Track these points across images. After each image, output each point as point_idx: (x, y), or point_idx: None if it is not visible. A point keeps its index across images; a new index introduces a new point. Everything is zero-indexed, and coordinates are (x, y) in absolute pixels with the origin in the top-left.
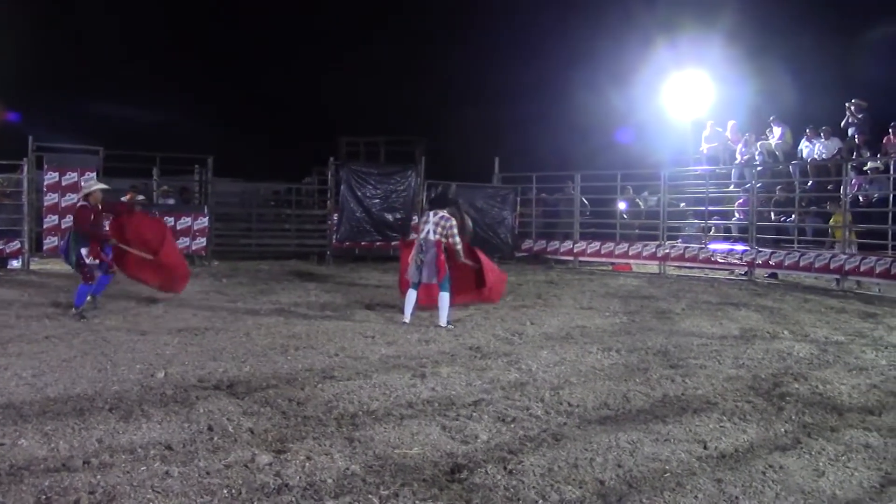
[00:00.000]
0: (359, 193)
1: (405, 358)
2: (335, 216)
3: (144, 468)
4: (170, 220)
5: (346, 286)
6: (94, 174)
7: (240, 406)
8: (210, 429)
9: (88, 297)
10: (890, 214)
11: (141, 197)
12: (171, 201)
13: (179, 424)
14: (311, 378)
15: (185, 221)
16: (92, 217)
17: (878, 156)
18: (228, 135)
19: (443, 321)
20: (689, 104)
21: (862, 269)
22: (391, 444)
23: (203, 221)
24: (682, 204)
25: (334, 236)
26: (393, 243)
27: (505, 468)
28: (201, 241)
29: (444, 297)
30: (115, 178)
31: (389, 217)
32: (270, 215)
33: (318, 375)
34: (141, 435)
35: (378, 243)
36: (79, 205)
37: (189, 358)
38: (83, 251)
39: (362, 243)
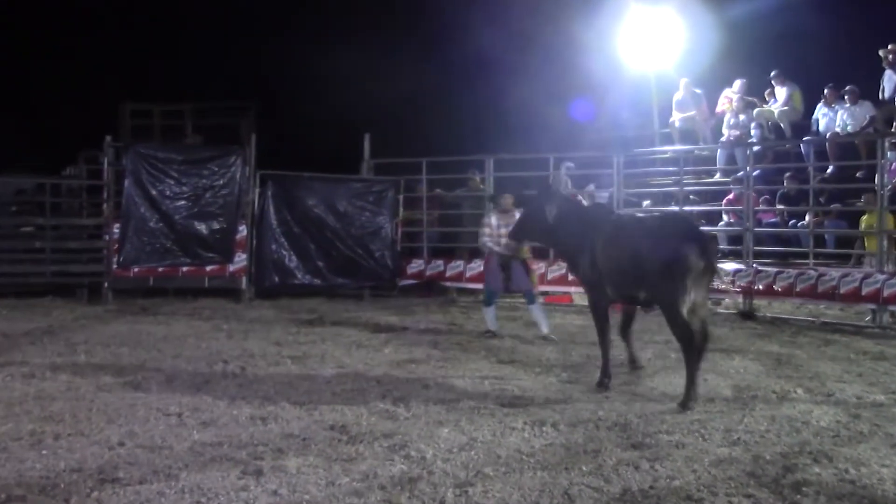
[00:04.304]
0: (153, 192)
1: (231, 446)
2: (116, 227)
3: None
4: None
5: (136, 337)
6: None
7: None
8: None
9: None
10: None
11: None
12: None
13: None
14: (81, 483)
15: None
16: None
17: None
18: None
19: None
20: (652, 54)
21: None
22: None
23: None
24: (646, 202)
25: (115, 259)
26: (208, 267)
27: None
28: None
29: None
30: None
31: (202, 227)
32: (10, 227)
33: (93, 478)
34: None
35: (185, 268)
36: None
37: None
38: None
39: (160, 269)
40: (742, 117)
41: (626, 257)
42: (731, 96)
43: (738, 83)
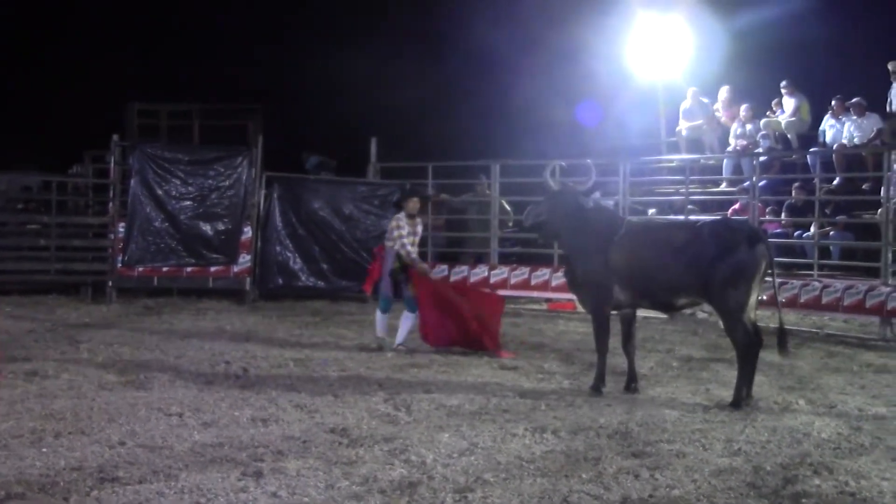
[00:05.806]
0: (159, 191)
1: (231, 447)
2: (121, 226)
3: None
4: None
5: (139, 336)
6: None
7: None
8: None
9: None
10: None
11: None
12: None
13: None
14: (81, 481)
15: None
16: None
17: None
18: None
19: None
20: (660, 62)
21: None
22: None
23: None
24: (652, 210)
25: (120, 258)
26: (213, 268)
27: None
28: None
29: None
30: None
31: (207, 228)
32: (16, 224)
33: (93, 477)
34: None
35: (189, 269)
36: None
37: None
38: None
39: (164, 269)
40: (749, 127)
41: (675, 263)
42: (719, 108)
43: (724, 90)
